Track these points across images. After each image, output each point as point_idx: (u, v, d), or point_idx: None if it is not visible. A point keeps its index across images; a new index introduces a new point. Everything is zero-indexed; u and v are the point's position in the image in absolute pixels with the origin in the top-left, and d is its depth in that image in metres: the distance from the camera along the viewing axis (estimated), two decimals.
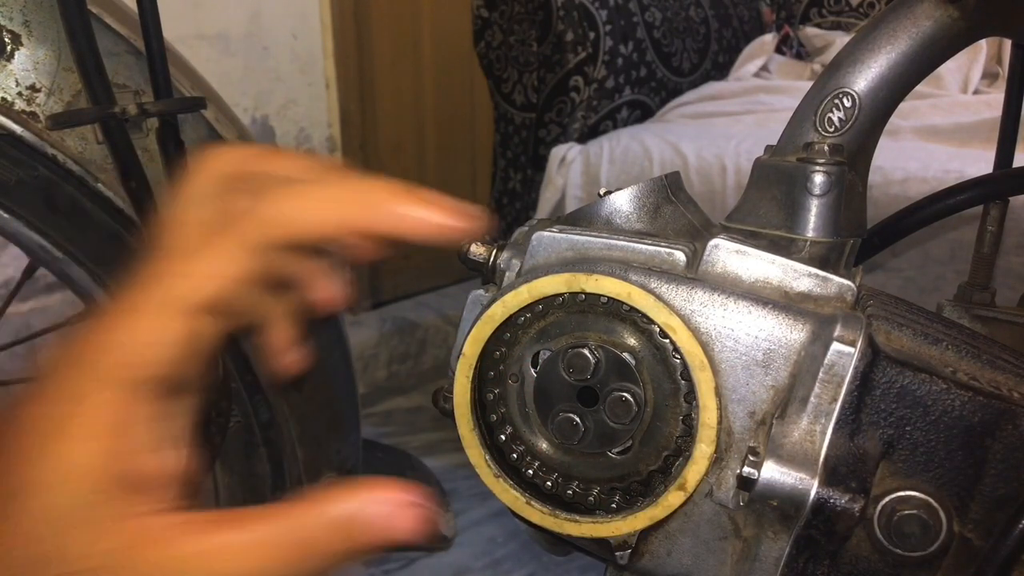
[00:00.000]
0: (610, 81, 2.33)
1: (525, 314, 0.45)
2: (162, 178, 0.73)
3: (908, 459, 0.41)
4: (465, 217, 0.38)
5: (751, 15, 2.97)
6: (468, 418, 0.46)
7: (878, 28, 0.51)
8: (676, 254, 0.44)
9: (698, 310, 0.43)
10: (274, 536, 0.36)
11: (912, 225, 0.71)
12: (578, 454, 0.46)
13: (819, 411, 0.41)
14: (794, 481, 0.40)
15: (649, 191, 0.48)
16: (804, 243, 0.47)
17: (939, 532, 0.40)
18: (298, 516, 0.36)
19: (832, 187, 0.47)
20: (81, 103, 0.71)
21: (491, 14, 2.39)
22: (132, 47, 0.74)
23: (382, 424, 2.28)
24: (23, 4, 0.69)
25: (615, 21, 2.33)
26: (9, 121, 0.68)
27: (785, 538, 0.42)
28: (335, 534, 0.36)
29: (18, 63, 0.69)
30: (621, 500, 0.46)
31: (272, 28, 2.27)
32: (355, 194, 0.38)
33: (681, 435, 0.44)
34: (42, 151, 0.70)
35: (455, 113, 2.79)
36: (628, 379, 0.44)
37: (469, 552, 1.72)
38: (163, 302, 0.36)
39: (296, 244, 0.38)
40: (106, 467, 0.34)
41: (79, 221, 0.75)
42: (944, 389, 0.41)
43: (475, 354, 0.45)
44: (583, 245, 0.45)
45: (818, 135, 0.50)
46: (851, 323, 0.41)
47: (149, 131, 0.75)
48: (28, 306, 2.00)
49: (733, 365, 0.43)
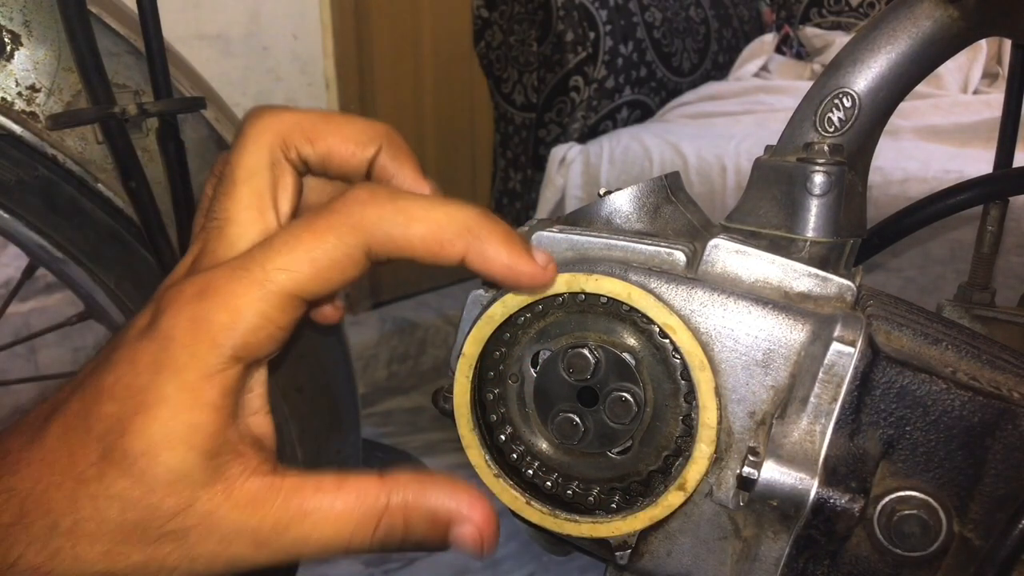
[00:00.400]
0: (610, 81, 2.33)
1: (525, 314, 0.45)
2: (162, 178, 0.73)
3: (908, 459, 0.41)
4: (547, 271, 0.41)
5: (751, 15, 2.97)
6: (468, 418, 0.46)
7: (878, 28, 0.51)
8: (676, 254, 0.44)
9: (698, 310, 0.43)
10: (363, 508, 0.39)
11: (912, 225, 0.71)
12: (578, 454, 0.46)
13: (819, 411, 0.41)
14: (794, 481, 0.40)
15: (649, 191, 0.48)
16: (804, 243, 0.47)
17: (939, 532, 0.40)
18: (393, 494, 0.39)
19: (832, 187, 0.47)
20: (81, 103, 0.71)
21: (491, 14, 2.39)
22: (132, 47, 0.74)
23: (382, 424, 2.29)
24: (23, 4, 0.69)
25: (615, 21, 2.33)
26: (9, 121, 0.68)
27: (785, 538, 0.42)
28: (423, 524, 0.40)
29: (18, 63, 0.69)
30: (621, 500, 0.46)
31: (272, 28, 2.27)
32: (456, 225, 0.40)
33: (681, 435, 0.44)
34: (42, 151, 0.70)
35: (455, 113, 2.79)
36: (628, 379, 0.44)
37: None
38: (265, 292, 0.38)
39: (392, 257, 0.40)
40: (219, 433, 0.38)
41: (79, 221, 0.75)
42: (944, 389, 0.41)
43: (475, 354, 0.45)
44: (583, 245, 0.45)
45: (818, 135, 0.50)
46: (851, 323, 0.41)
47: (149, 131, 0.75)
48: (28, 306, 2.00)
49: (733, 365, 0.43)
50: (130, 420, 0.37)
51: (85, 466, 0.37)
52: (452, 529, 0.40)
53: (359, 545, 0.39)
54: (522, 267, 0.40)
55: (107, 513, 0.37)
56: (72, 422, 0.38)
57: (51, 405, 0.40)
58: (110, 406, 0.37)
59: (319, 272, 0.38)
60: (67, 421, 0.38)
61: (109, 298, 0.79)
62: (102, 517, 0.37)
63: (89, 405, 0.38)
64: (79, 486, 0.37)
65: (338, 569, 1.70)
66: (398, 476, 0.40)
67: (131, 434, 0.37)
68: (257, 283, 0.38)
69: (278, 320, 0.38)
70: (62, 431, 0.38)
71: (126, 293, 0.79)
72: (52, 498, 0.37)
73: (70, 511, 0.37)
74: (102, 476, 0.37)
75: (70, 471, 0.37)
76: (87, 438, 0.37)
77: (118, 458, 0.37)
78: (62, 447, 0.38)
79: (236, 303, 0.38)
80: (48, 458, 0.38)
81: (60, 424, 0.38)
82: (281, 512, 0.38)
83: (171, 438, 0.37)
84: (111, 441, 0.37)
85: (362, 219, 0.39)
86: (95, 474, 0.37)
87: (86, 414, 0.38)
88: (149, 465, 0.37)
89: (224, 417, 0.38)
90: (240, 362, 0.38)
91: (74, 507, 0.37)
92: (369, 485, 0.39)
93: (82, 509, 0.37)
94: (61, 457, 0.37)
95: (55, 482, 0.37)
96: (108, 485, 0.37)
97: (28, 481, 0.37)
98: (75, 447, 0.37)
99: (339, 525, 0.39)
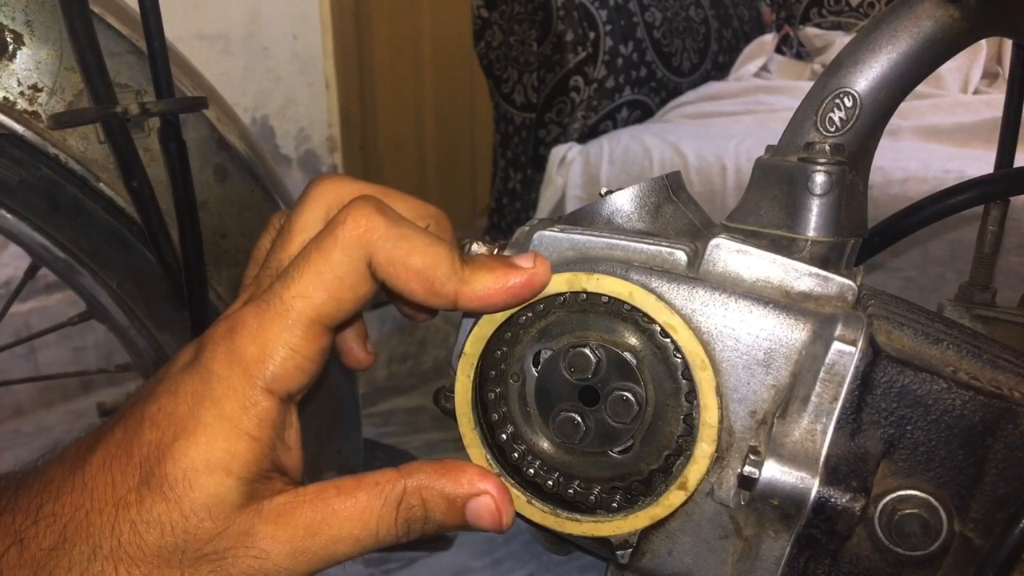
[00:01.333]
0: (610, 81, 2.33)
1: (526, 313, 0.45)
2: (164, 178, 0.73)
3: (909, 458, 0.41)
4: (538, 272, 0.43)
5: (751, 15, 2.97)
6: (469, 417, 0.46)
7: (879, 28, 0.51)
8: (677, 254, 0.44)
9: (699, 309, 0.43)
10: (383, 497, 0.41)
11: (912, 225, 0.71)
12: (579, 453, 0.46)
13: (820, 410, 0.41)
14: (795, 480, 0.40)
15: (650, 191, 0.48)
16: (805, 243, 0.47)
17: (940, 531, 0.40)
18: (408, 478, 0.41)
19: (833, 187, 0.47)
20: (83, 103, 0.71)
21: (491, 14, 2.39)
22: (134, 47, 0.74)
23: (382, 424, 2.29)
24: (25, 4, 0.69)
25: (615, 21, 2.33)
26: (11, 121, 0.68)
27: (786, 537, 0.42)
28: (440, 504, 0.42)
29: (20, 63, 0.69)
30: (622, 499, 0.46)
31: (272, 28, 2.28)
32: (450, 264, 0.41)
33: (682, 434, 0.44)
34: (44, 151, 0.70)
35: (455, 113, 2.79)
36: (629, 378, 0.44)
37: (469, 552, 1.72)
38: (287, 322, 0.40)
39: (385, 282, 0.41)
40: (256, 461, 0.39)
41: (81, 221, 0.75)
42: (945, 388, 0.41)
43: (476, 353, 0.45)
44: (584, 245, 0.45)
45: (819, 135, 0.50)
46: (852, 322, 0.41)
47: (151, 131, 0.75)
48: (28, 306, 2.00)
49: (734, 364, 0.43)
50: (169, 446, 0.38)
51: (125, 491, 0.38)
52: (469, 505, 0.42)
53: (387, 534, 0.41)
54: (511, 282, 0.42)
55: (147, 537, 0.38)
56: (114, 450, 0.39)
57: (95, 435, 0.41)
58: (151, 434, 0.39)
59: (331, 292, 0.40)
60: (109, 449, 0.39)
61: (111, 298, 0.79)
62: (142, 541, 0.38)
63: (131, 434, 0.39)
64: (120, 511, 0.38)
65: (338, 569, 1.70)
66: (411, 464, 0.42)
67: (170, 460, 0.38)
68: (279, 315, 0.39)
69: (304, 350, 0.40)
70: (104, 458, 0.39)
71: (128, 293, 0.79)
72: (93, 523, 0.38)
73: (111, 535, 0.38)
74: (142, 501, 0.38)
75: (111, 497, 0.38)
76: (128, 465, 0.39)
77: (157, 483, 0.38)
78: (104, 474, 0.39)
79: (263, 336, 0.39)
80: (90, 484, 0.39)
81: (103, 452, 0.39)
82: (310, 517, 0.40)
83: (210, 463, 0.38)
84: (151, 467, 0.38)
85: (366, 234, 0.40)
86: (135, 499, 0.38)
87: (128, 442, 0.39)
88: (187, 490, 0.38)
89: (260, 447, 0.40)
90: (274, 395, 0.40)
91: (115, 531, 0.38)
92: (385, 476, 0.41)
93: (122, 533, 0.38)
94: (103, 484, 0.38)
95: (96, 507, 0.38)
96: (147, 509, 0.38)
97: (70, 507, 0.38)
98: (116, 474, 0.38)
99: (366, 517, 0.40)
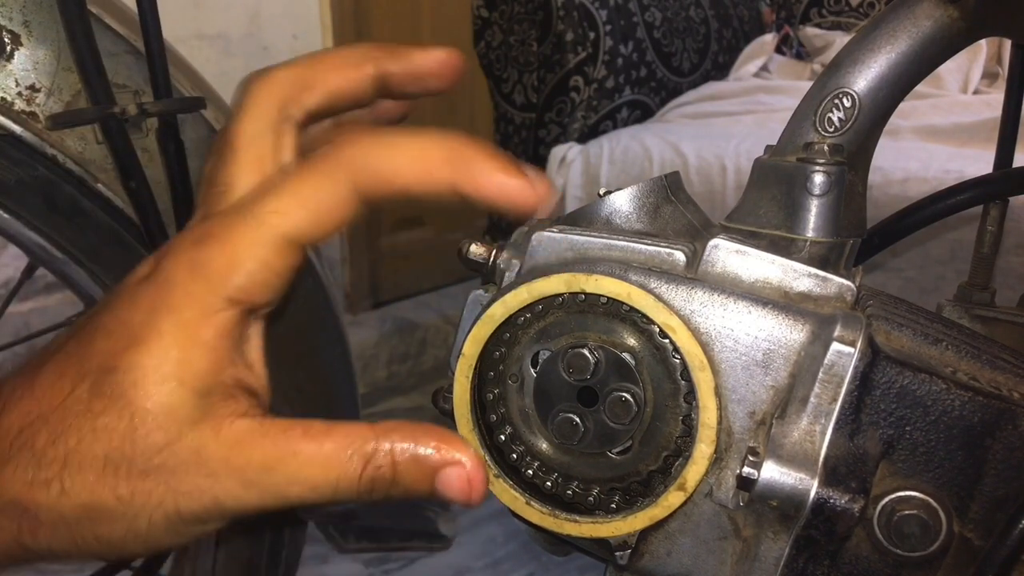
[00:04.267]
0: (610, 81, 2.33)
1: (525, 314, 0.45)
2: (162, 178, 0.73)
3: (908, 459, 0.41)
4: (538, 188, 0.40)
5: (751, 15, 2.97)
6: (468, 418, 0.46)
7: (878, 28, 0.51)
8: (676, 254, 0.44)
9: (698, 310, 0.43)
10: (351, 451, 0.39)
11: (912, 225, 0.71)
12: (578, 454, 0.46)
13: (819, 411, 0.41)
14: (794, 481, 0.40)
15: (649, 191, 0.48)
16: (804, 243, 0.47)
17: (939, 532, 0.40)
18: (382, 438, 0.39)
19: (832, 187, 0.47)
20: (81, 103, 0.71)
21: (491, 14, 2.39)
22: (132, 47, 0.74)
23: None
24: (23, 4, 0.69)
25: (615, 21, 2.33)
26: (9, 121, 0.68)
27: (785, 538, 0.42)
28: (411, 469, 0.40)
29: (18, 63, 0.69)
30: (621, 500, 0.46)
31: (272, 28, 2.28)
32: (441, 151, 0.39)
33: (681, 435, 0.44)
34: (42, 151, 0.70)
35: (455, 113, 2.79)
36: (628, 379, 0.44)
37: (469, 552, 1.72)
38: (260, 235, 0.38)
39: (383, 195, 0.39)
40: (211, 372, 0.37)
41: (79, 221, 0.75)
42: (944, 389, 0.41)
43: (475, 354, 0.45)
44: (583, 245, 0.45)
45: (818, 135, 0.50)
46: (851, 323, 0.41)
47: (149, 131, 0.75)
48: (28, 306, 2.00)
49: (733, 365, 0.43)
50: (121, 355, 0.37)
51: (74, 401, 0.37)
52: (439, 474, 0.40)
53: (346, 489, 0.39)
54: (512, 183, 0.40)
55: (94, 447, 0.36)
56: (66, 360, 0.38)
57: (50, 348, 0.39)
58: (104, 343, 0.37)
59: (309, 212, 0.38)
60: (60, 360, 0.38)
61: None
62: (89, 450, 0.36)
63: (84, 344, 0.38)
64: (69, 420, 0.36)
65: (338, 569, 1.70)
66: (388, 423, 0.40)
67: (122, 368, 0.36)
68: (252, 228, 0.38)
69: (274, 265, 0.38)
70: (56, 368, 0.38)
71: None
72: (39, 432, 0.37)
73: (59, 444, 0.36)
74: (90, 409, 0.36)
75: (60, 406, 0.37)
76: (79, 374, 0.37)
77: (107, 391, 0.36)
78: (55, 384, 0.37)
79: (233, 247, 0.38)
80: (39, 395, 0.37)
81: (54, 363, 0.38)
82: (268, 452, 0.38)
83: (162, 372, 0.36)
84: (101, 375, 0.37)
85: (347, 157, 0.39)
86: (84, 408, 0.36)
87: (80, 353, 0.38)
88: (137, 398, 0.36)
89: (218, 358, 0.38)
90: (237, 305, 0.38)
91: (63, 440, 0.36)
92: (359, 430, 0.39)
93: (69, 442, 0.36)
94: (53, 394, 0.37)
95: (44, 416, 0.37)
96: (96, 418, 0.36)
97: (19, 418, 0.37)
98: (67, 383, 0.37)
99: (327, 467, 0.38)
